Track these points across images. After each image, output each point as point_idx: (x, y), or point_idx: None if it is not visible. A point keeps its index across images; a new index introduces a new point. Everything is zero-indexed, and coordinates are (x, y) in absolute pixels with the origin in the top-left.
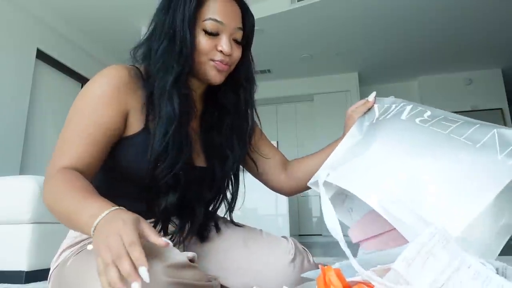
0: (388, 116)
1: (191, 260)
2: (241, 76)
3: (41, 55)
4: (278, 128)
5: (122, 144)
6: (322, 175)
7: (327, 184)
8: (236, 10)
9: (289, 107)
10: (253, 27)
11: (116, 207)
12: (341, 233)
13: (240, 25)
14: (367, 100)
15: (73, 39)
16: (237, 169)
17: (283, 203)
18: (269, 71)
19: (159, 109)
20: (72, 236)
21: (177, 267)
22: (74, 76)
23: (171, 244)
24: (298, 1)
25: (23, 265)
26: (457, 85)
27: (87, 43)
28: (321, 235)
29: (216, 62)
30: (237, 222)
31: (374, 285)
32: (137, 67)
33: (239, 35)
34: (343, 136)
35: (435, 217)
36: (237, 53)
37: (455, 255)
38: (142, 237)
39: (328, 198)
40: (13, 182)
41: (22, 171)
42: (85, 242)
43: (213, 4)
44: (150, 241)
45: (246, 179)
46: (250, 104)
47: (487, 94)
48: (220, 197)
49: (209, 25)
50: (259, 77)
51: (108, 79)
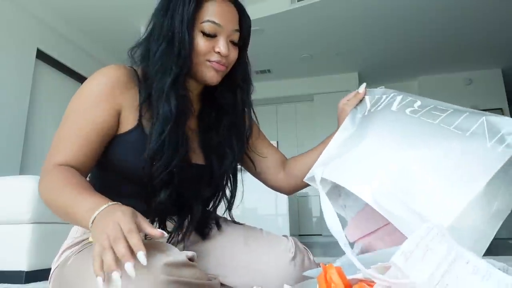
0: (379, 108)
1: (190, 259)
2: (238, 76)
3: (41, 55)
4: (278, 128)
5: (117, 142)
6: (317, 172)
7: (322, 180)
8: (233, 12)
9: (289, 107)
10: (249, 28)
11: (113, 202)
12: (341, 230)
13: (237, 27)
14: (357, 92)
15: (73, 39)
16: (235, 168)
17: (283, 203)
18: (269, 71)
19: (156, 110)
20: (72, 237)
21: (176, 265)
22: (74, 76)
23: (168, 244)
24: (298, 1)
25: (23, 265)
26: (457, 85)
27: (87, 43)
28: (321, 235)
29: (213, 62)
30: (237, 221)
31: (374, 284)
32: (134, 68)
33: (236, 36)
34: (337, 130)
35: (426, 208)
36: (234, 54)
37: (452, 250)
38: (139, 229)
39: (325, 193)
40: (13, 182)
41: (22, 171)
42: (85, 242)
43: (211, 6)
44: (145, 232)
45: (245, 179)
46: (247, 104)
47: (487, 94)
48: (219, 195)
49: (207, 27)
50: (259, 77)
51: (104, 78)
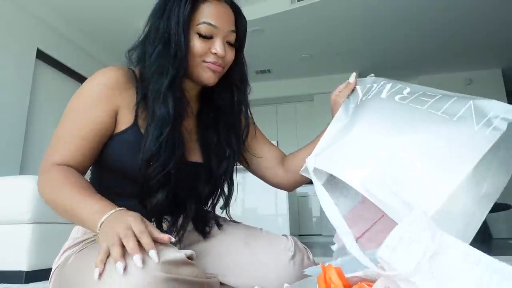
0: (370, 96)
1: (189, 257)
2: (235, 77)
3: (41, 55)
4: (278, 128)
5: (112, 140)
6: (310, 162)
7: (317, 171)
8: (229, 13)
9: (289, 107)
10: (245, 29)
11: (120, 208)
12: (342, 219)
13: (233, 28)
14: (348, 82)
15: (73, 39)
16: (233, 166)
17: (283, 203)
18: (269, 71)
19: (152, 110)
20: (73, 237)
21: (174, 263)
22: (74, 76)
23: (172, 239)
24: (298, 1)
25: (23, 265)
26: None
27: (87, 43)
28: (321, 235)
29: (209, 63)
30: (236, 220)
31: (374, 283)
32: (132, 70)
33: (232, 37)
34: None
35: (415, 195)
36: (231, 55)
37: (436, 237)
38: None
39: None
40: (13, 182)
41: (22, 171)
42: (86, 242)
43: (207, 8)
44: (153, 237)
45: (246, 179)
46: (244, 104)
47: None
48: (218, 192)
49: (203, 28)
50: (259, 77)
51: (102, 79)
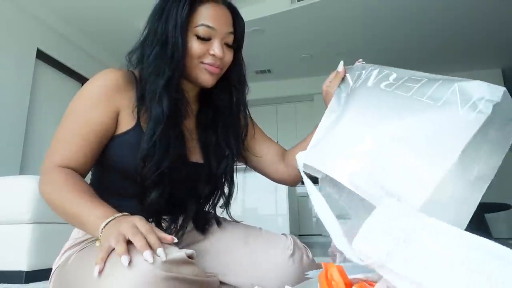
0: (358, 85)
1: (189, 257)
2: (233, 78)
3: (41, 55)
4: (278, 128)
5: (114, 142)
6: (300, 159)
7: (312, 168)
8: (227, 15)
9: (289, 107)
10: (243, 31)
11: (123, 213)
12: (332, 215)
13: (231, 29)
14: (337, 71)
15: (73, 39)
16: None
17: (283, 203)
18: (269, 71)
19: (150, 111)
20: (74, 238)
21: (175, 262)
22: (74, 76)
23: (175, 240)
24: (298, 1)
25: (23, 265)
26: None
27: (87, 43)
28: (321, 235)
29: (207, 65)
30: (236, 220)
31: (375, 284)
32: (132, 71)
33: (230, 39)
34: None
35: (403, 186)
36: (229, 56)
37: (410, 223)
38: None
39: (320, 179)
40: (13, 182)
41: (22, 171)
42: (87, 242)
43: (204, 10)
44: (157, 237)
45: (246, 179)
46: (243, 104)
47: None
48: (218, 193)
49: (201, 30)
50: (259, 77)
51: (102, 81)
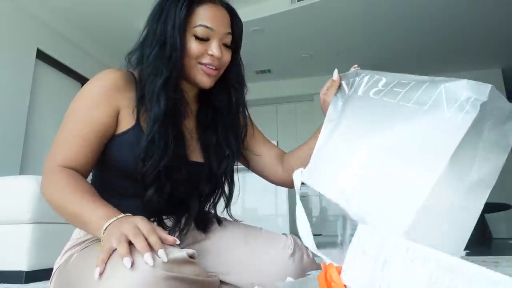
0: (350, 93)
1: (191, 256)
2: (232, 78)
3: (41, 55)
4: (278, 128)
5: (114, 141)
6: (296, 177)
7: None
8: (225, 15)
9: (289, 107)
10: (241, 31)
11: (125, 214)
12: (313, 242)
13: (229, 30)
14: (332, 80)
15: (72, 39)
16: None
17: (283, 203)
18: (269, 71)
19: (149, 110)
20: (75, 238)
21: (176, 262)
22: (74, 75)
23: (177, 241)
24: (298, 1)
25: (23, 265)
26: None
27: (87, 43)
28: (321, 235)
29: (204, 65)
30: (237, 220)
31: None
32: (131, 72)
33: (228, 39)
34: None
35: (392, 205)
36: (227, 56)
37: (386, 246)
38: None
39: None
40: (13, 182)
41: (22, 171)
42: (88, 241)
43: (203, 11)
44: (159, 237)
45: (246, 179)
46: (242, 104)
47: None
48: (219, 192)
49: (199, 31)
50: (259, 77)
51: (101, 81)
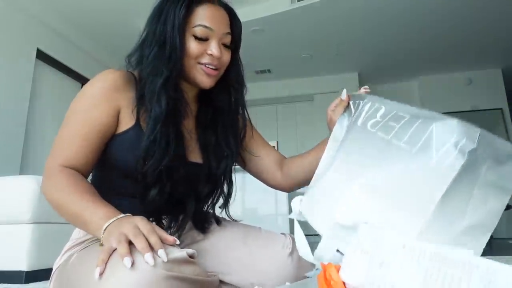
0: (353, 119)
1: (191, 256)
2: (232, 78)
3: (41, 55)
4: (278, 128)
5: (115, 141)
6: (295, 205)
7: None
8: (224, 16)
9: (289, 107)
10: (240, 31)
11: (126, 214)
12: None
13: (229, 30)
14: (341, 99)
15: (73, 39)
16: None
17: (283, 203)
18: (269, 71)
19: (149, 110)
20: (75, 238)
21: (176, 261)
22: (74, 76)
23: (177, 242)
24: (298, 1)
25: (23, 265)
26: (457, 85)
27: (87, 43)
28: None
29: (203, 65)
30: (235, 220)
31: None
32: (131, 72)
33: (227, 39)
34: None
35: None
36: (227, 56)
37: (385, 246)
38: None
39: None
40: (13, 182)
41: (22, 171)
42: (87, 242)
43: (202, 11)
44: (159, 237)
45: (246, 179)
46: (241, 104)
47: (487, 94)
48: (218, 192)
49: (198, 31)
50: (259, 77)
51: (101, 82)
